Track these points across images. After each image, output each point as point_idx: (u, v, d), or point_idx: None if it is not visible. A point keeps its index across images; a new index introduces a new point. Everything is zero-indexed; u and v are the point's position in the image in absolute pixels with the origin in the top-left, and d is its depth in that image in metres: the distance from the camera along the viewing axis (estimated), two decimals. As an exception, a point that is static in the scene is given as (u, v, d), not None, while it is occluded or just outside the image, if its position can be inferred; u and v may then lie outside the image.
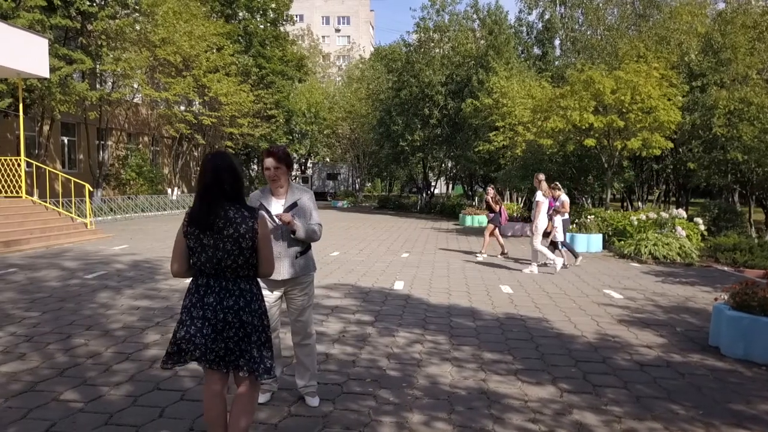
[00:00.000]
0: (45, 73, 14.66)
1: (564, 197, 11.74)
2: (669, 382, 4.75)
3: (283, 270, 3.85)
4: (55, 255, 11.61)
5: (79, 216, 15.89)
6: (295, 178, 49.80)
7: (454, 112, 27.82)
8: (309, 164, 53.05)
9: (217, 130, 30.39)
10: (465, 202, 29.67)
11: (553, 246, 11.38)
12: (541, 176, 10.78)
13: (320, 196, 46.27)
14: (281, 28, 39.64)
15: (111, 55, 21.26)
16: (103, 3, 20.99)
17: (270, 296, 3.94)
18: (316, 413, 3.98)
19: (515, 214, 19.94)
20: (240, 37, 35.01)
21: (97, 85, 23.82)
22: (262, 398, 4.14)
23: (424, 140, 29.61)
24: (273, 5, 37.53)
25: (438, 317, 6.84)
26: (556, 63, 28.41)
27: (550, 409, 4.14)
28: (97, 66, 21.30)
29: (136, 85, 23.78)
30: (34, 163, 16.74)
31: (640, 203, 24.06)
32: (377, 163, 38.84)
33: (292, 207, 3.84)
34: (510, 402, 4.26)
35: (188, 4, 27.33)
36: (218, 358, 2.90)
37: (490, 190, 13.15)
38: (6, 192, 15.14)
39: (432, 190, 37.77)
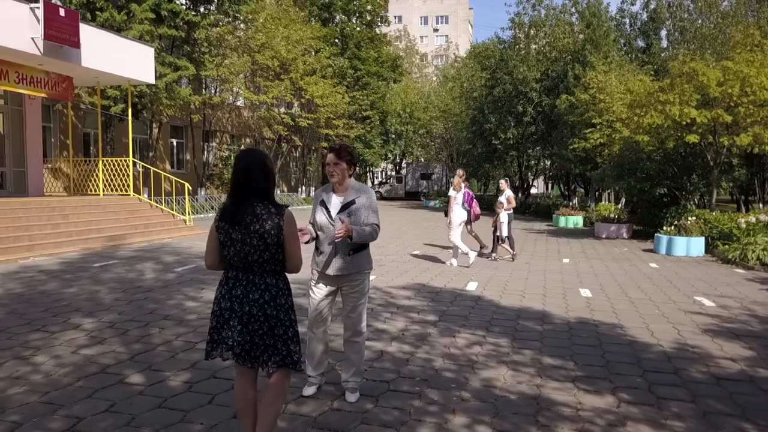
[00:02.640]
0: (151, 79, 15.80)
1: (509, 192, 12.06)
2: (746, 399, 4.33)
3: (335, 266, 3.93)
4: (154, 249, 12.46)
5: (180, 213, 16.95)
6: (390, 178, 50.29)
7: (548, 109, 26.94)
8: (403, 164, 53.37)
9: (314, 132, 31.35)
10: (561, 202, 28.66)
11: (500, 240, 11.66)
12: (461, 172, 11.16)
13: (413, 195, 46.43)
14: (377, 30, 40.23)
15: (213, 62, 22.50)
16: (206, 12, 22.26)
17: (322, 290, 4.06)
18: (357, 408, 4.00)
19: (611, 215, 18.96)
20: (336, 40, 35.87)
21: (203, 90, 25.30)
22: (308, 391, 4.23)
23: (518, 138, 28.93)
24: (369, 7, 38.17)
25: (505, 319, 6.65)
26: (662, 55, 26.73)
27: (603, 420, 3.90)
28: (201, 72, 22.62)
29: (236, 89, 25.02)
30: (141, 163, 18.05)
31: (760, 204, 22.11)
32: (471, 162, 38.40)
33: (349, 205, 3.91)
34: (561, 410, 4.06)
35: (287, 10, 28.42)
36: (244, 351, 2.99)
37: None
38: (117, 190, 16.45)
39: (529, 189, 36.83)
